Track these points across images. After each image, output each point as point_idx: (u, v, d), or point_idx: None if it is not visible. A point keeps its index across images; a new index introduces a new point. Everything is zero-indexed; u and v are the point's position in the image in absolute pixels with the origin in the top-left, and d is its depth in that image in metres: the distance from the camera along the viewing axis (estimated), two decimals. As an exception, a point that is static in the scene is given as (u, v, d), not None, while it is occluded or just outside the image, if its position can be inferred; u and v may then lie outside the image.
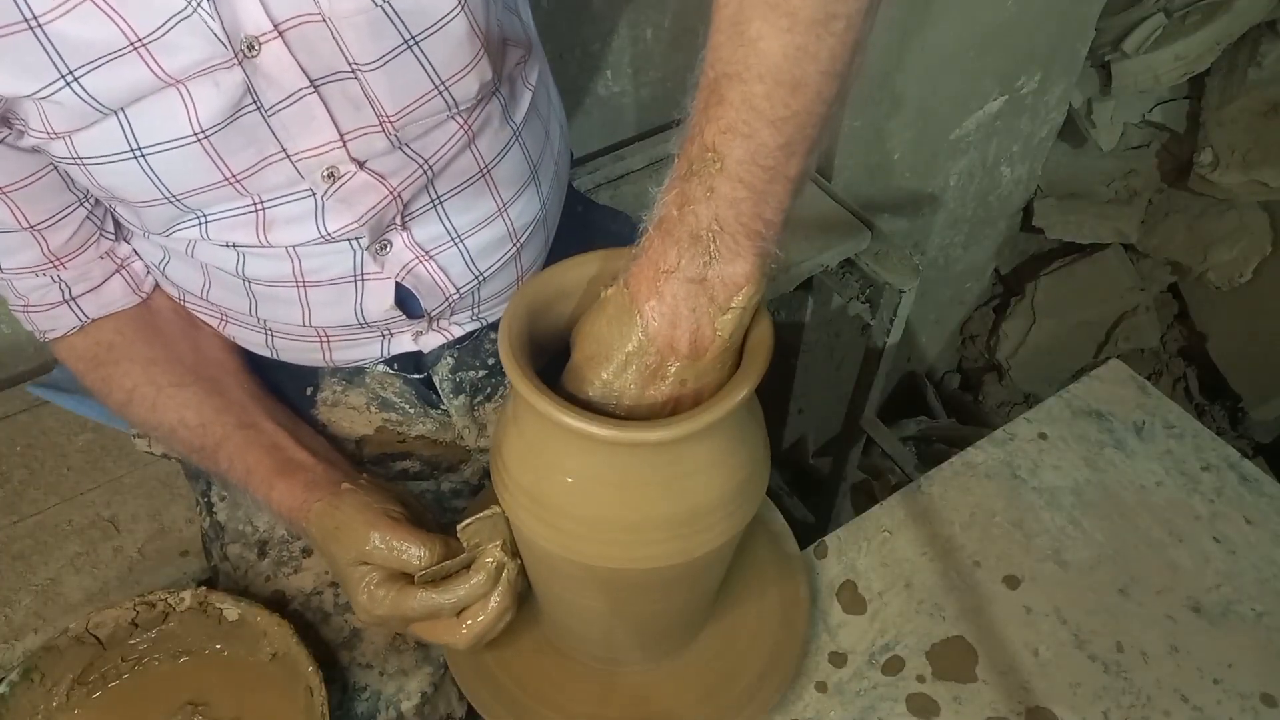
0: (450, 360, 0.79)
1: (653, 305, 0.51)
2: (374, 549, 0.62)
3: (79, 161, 0.58)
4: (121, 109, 0.55)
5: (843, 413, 1.45)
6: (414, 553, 0.61)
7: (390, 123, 0.61)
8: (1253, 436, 1.87)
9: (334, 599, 0.74)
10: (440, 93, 0.62)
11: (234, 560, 0.77)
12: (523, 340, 0.52)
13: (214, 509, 0.80)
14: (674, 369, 0.52)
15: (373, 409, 0.80)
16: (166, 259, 0.71)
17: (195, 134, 0.56)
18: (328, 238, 0.65)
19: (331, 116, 0.59)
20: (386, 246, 0.68)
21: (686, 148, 0.51)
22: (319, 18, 0.55)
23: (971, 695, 0.72)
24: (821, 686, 0.73)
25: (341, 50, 0.57)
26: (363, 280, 0.69)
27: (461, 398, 0.80)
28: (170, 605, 0.70)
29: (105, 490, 0.92)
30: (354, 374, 0.80)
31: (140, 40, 0.52)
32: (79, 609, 0.82)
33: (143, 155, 0.57)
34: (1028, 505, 0.83)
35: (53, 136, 0.56)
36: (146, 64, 0.53)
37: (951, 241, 1.68)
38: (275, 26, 0.54)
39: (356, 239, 0.66)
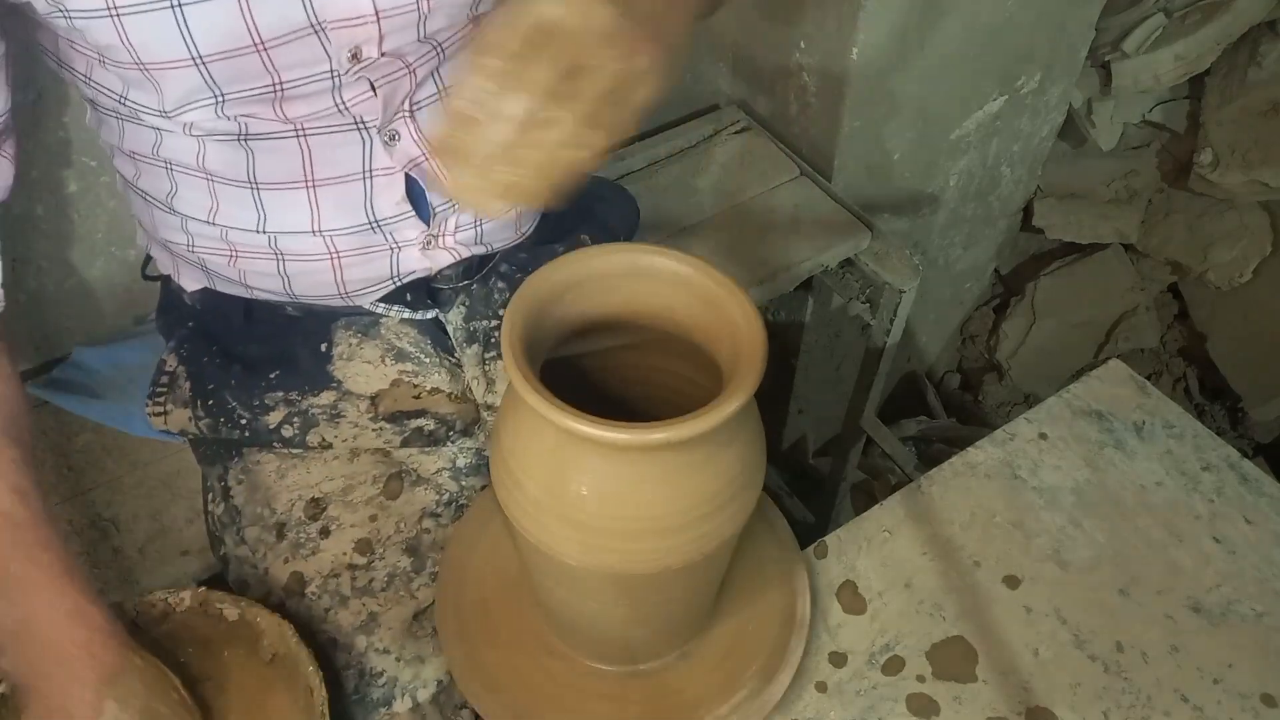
0: (463, 309, 0.80)
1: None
2: None
3: (114, 11, 0.56)
4: None
5: (843, 413, 1.45)
6: None
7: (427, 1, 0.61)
8: (1253, 436, 1.87)
9: (351, 581, 0.73)
10: None
11: (251, 544, 0.77)
12: (524, 342, 0.52)
13: (230, 493, 0.80)
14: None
15: (388, 361, 0.80)
16: (174, 189, 0.70)
17: None
18: (342, 107, 0.65)
19: None
20: (395, 137, 0.69)
21: None
22: None
23: (971, 695, 0.72)
24: (821, 686, 0.73)
25: None
26: (371, 176, 0.70)
27: (474, 347, 0.81)
28: (170, 605, 0.69)
29: (105, 490, 0.92)
30: (369, 326, 0.80)
31: None
32: (79, 609, 0.82)
33: (179, 5, 0.56)
34: (1028, 505, 0.83)
35: None
36: None
37: (951, 241, 1.68)
38: None
39: (365, 125, 0.67)
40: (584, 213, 0.93)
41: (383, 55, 0.64)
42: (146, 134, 0.69)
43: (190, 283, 0.81)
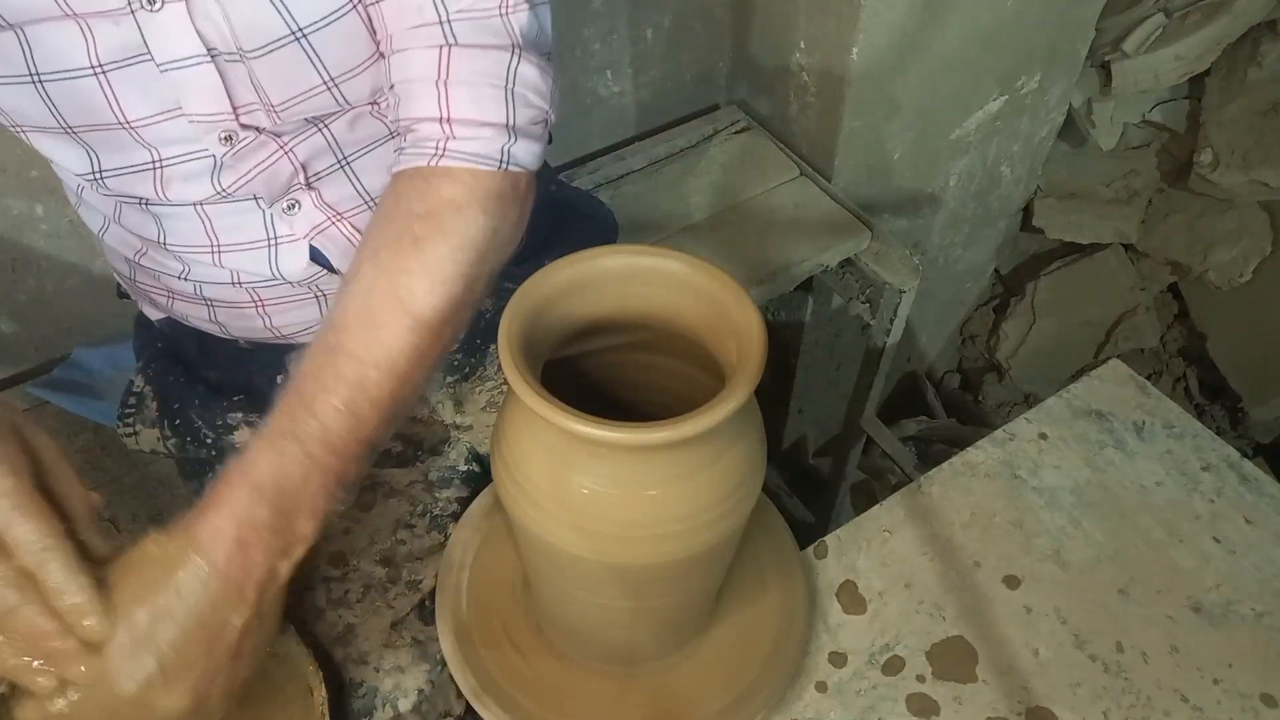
0: None
1: (225, 551, 0.50)
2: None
3: None
4: (21, 27, 0.54)
5: (843, 413, 1.45)
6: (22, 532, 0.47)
7: (275, 111, 0.61)
8: (1253, 436, 1.87)
9: (326, 595, 0.74)
10: (329, 89, 0.61)
11: None
12: (523, 344, 0.52)
13: None
14: (239, 619, 0.51)
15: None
16: (106, 225, 0.71)
17: (92, 67, 0.56)
18: (223, 193, 0.65)
19: (226, 89, 0.59)
20: (295, 206, 0.68)
21: (295, 407, 0.55)
22: None
23: (971, 695, 0.72)
24: (821, 686, 0.73)
25: (231, 32, 0.56)
26: (275, 244, 0.69)
27: (436, 375, 0.80)
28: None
29: (105, 490, 0.91)
30: None
31: None
32: (79, 609, 0.82)
33: (41, 81, 0.57)
34: (1028, 505, 0.83)
35: None
36: None
37: (951, 241, 1.68)
38: None
39: (257, 197, 0.66)
40: (554, 231, 0.89)
41: (260, 133, 0.62)
42: (70, 178, 0.69)
43: (151, 311, 0.82)
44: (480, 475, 0.82)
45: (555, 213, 0.90)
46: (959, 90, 1.34)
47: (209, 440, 0.79)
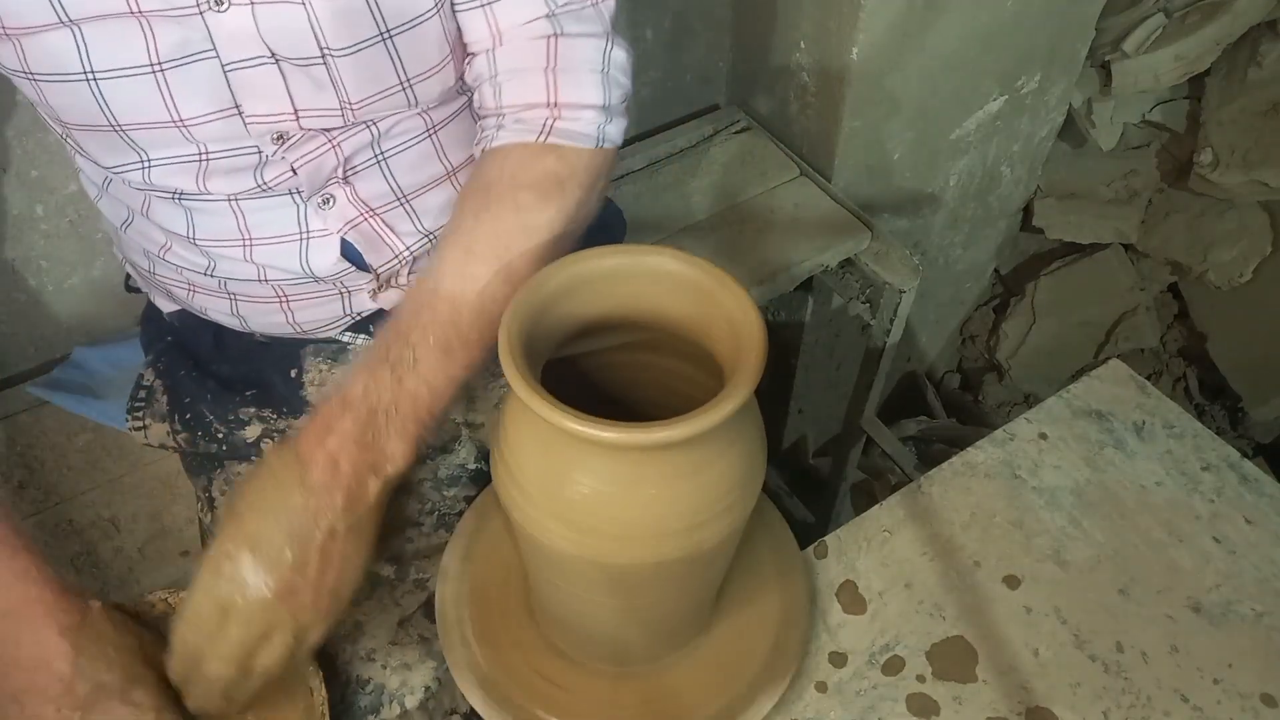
0: None
1: (318, 461, 0.57)
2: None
3: (30, 77, 0.57)
4: (79, 24, 0.54)
5: (843, 413, 1.45)
6: None
7: (351, 108, 0.63)
8: (1253, 436, 1.87)
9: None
10: (405, 89, 0.64)
11: None
12: (523, 344, 0.52)
13: (215, 504, 0.80)
14: (325, 521, 0.57)
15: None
16: (130, 218, 0.71)
17: (151, 65, 0.56)
18: (264, 187, 0.66)
19: (289, 91, 0.60)
20: (330, 201, 0.69)
21: (392, 339, 0.60)
22: (298, 1, 0.56)
23: (971, 695, 0.72)
24: (821, 686, 0.73)
25: (315, 34, 0.58)
26: (307, 238, 0.70)
27: None
28: (170, 605, 0.69)
29: (105, 490, 0.92)
30: (337, 352, 0.80)
31: None
32: (79, 609, 0.82)
33: (95, 79, 0.57)
34: (1028, 505, 0.83)
35: (4, 35, 0.55)
36: None
37: (951, 241, 1.68)
38: None
39: (295, 190, 0.67)
40: None
41: (305, 131, 0.64)
42: (97, 171, 0.69)
43: (164, 304, 0.82)
44: (488, 474, 0.82)
45: None
46: (959, 90, 1.34)
47: (220, 435, 0.79)
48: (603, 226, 0.95)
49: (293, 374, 0.80)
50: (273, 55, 0.58)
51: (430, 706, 0.70)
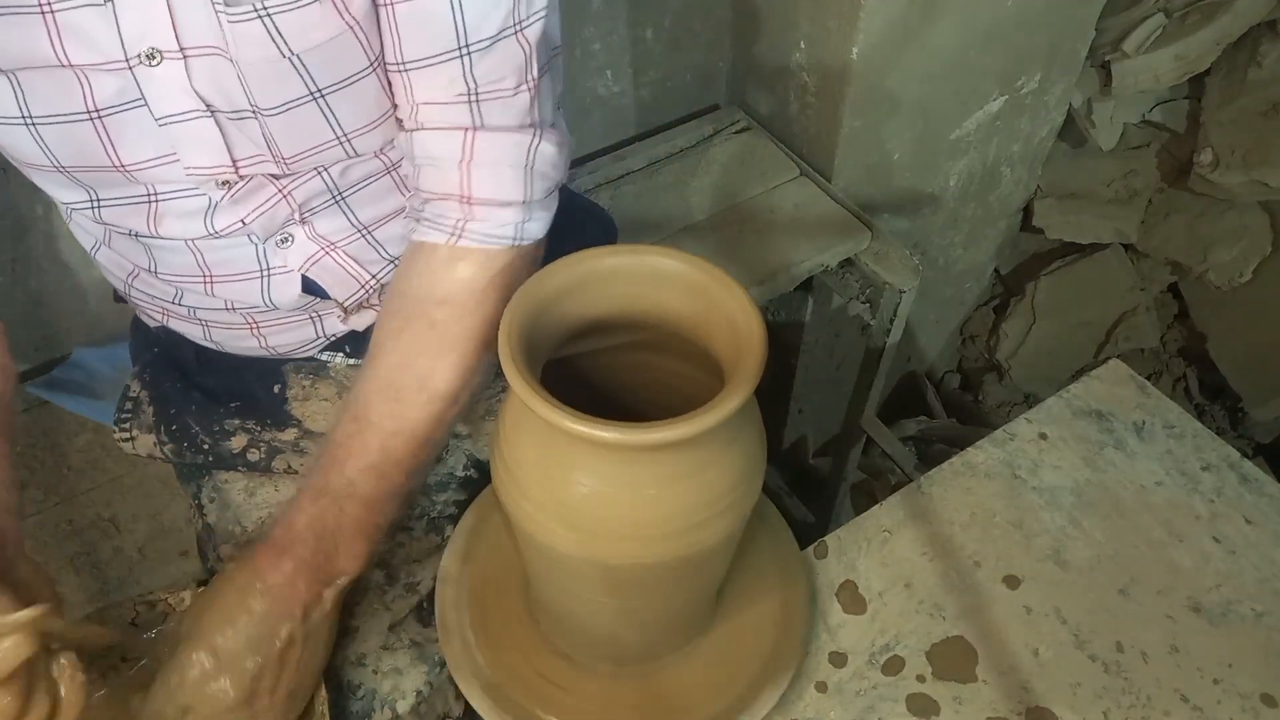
0: None
1: (277, 576, 0.60)
2: None
3: None
4: (14, 72, 0.54)
5: (843, 413, 1.45)
6: None
7: (285, 162, 0.62)
8: (1253, 436, 1.87)
9: None
10: (341, 143, 0.62)
11: (226, 560, 0.77)
12: (523, 344, 0.52)
13: (204, 510, 0.80)
14: (284, 630, 0.60)
15: (343, 398, 0.80)
16: (97, 246, 0.71)
17: (88, 112, 0.56)
18: (216, 234, 0.65)
19: (226, 143, 0.60)
20: (288, 240, 0.68)
21: (329, 466, 0.63)
22: (227, 56, 0.55)
23: (971, 695, 0.72)
24: (821, 686, 0.73)
25: (244, 91, 0.57)
26: (268, 275, 0.69)
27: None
28: (170, 605, 0.69)
29: (105, 490, 0.92)
30: (319, 368, 0.80)
31: (49, 5, 0.51)
32: (79, 609, 0.82)
33: (34, 124, 0.56)
34: (1028, 505, 0.83)
35: None
36: (49, 37, 0.52)
37: (951, 241, 1.68)
38: (180, 48, 0.54)
39: (250, 234, 0.66)
40: (554, 238, 0.90)
41: (252, 178, 0.63)
42: (60, 203, 0.69)
43: (146, 318, 0.82)
44: (478, 480, 0.82)
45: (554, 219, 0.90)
46: (959, 90, 1.34)
47: (205, 446, 0.79)
48: (595, 233, 0.94)
49: (276, 389, 0.80)
50: (208, 108, 0.57)
51: (422, 711, 0.70)
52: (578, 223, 0.92)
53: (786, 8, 1.21)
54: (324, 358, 0.80)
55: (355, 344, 0.79)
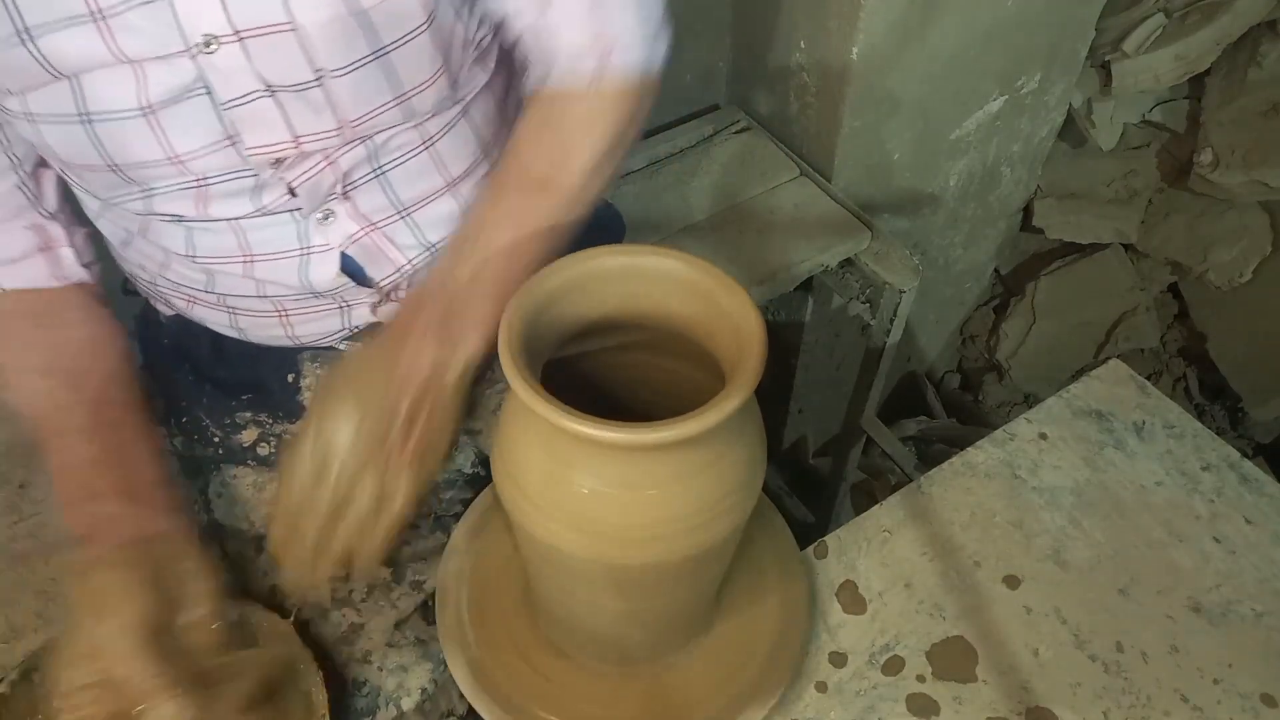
0: None
1: (400, 347, 0.62)
2: (115, 671, 0.57)
3: (30, 117, 0.58)
4: (76, 75, 0.55)
5: (843, 413, 1.45)
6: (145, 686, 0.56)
7: (349, 126, 0.62)
8: (1253, 436, 1.87)
9: (332, 593, 0.74)
10: (400, 103, 0.63)
11: (232, 557, 0.77)
12: (523, 344, 0.52)
13: (211, 506, 0.80)
14: (410, 397, 0.61)
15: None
16: (129, 239, 0.71)
17: (142, 108, 0.57)
18: (264, 210, 0.66)
19: (287, 120, 0.60)
20: (330, 216, 0.69)
21: (459, 240, 0.67)
22: (289, 27, 0.56)
23: (971, 695, 0.72)
24: (821, 686, 0.73)
25: (308, 58, 0.57)
26: (308, 253, 0.70)
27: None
28: (170, 605, 0.69)
29: (105, 490, 0.91)
30: (335, 359, 0.80)
31: (100, 12, 0.52)
32: (79, 609, 0.82)
33: (90, 121, 0.57)
34: (1028, 505, 0.83)
35: (6, 94, 0.56)
36: (104, 38, 0.53)
37: (951, 241, 1.68)
38: (235, 32, 0.55)
39: (295, 209, 0.67)
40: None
41: (303, 154, 0.64)
42: (93, 199, 0.69)
43: (163, 309, 0.82)
44: (485, 478, 0.82)
45: None
46: (959, 90, 1.34)
47: (216, 439, 0.79)
48: (601, 228, 0.94)
49: (290, 379, 0.80)
50: (268, 87, 0.58)
51: (426, 708, 0.70)
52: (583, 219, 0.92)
53: (787, 7, 1.21)
54: (343, 348, 0.80)
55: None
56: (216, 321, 0.77)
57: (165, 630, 0.59)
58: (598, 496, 0.53)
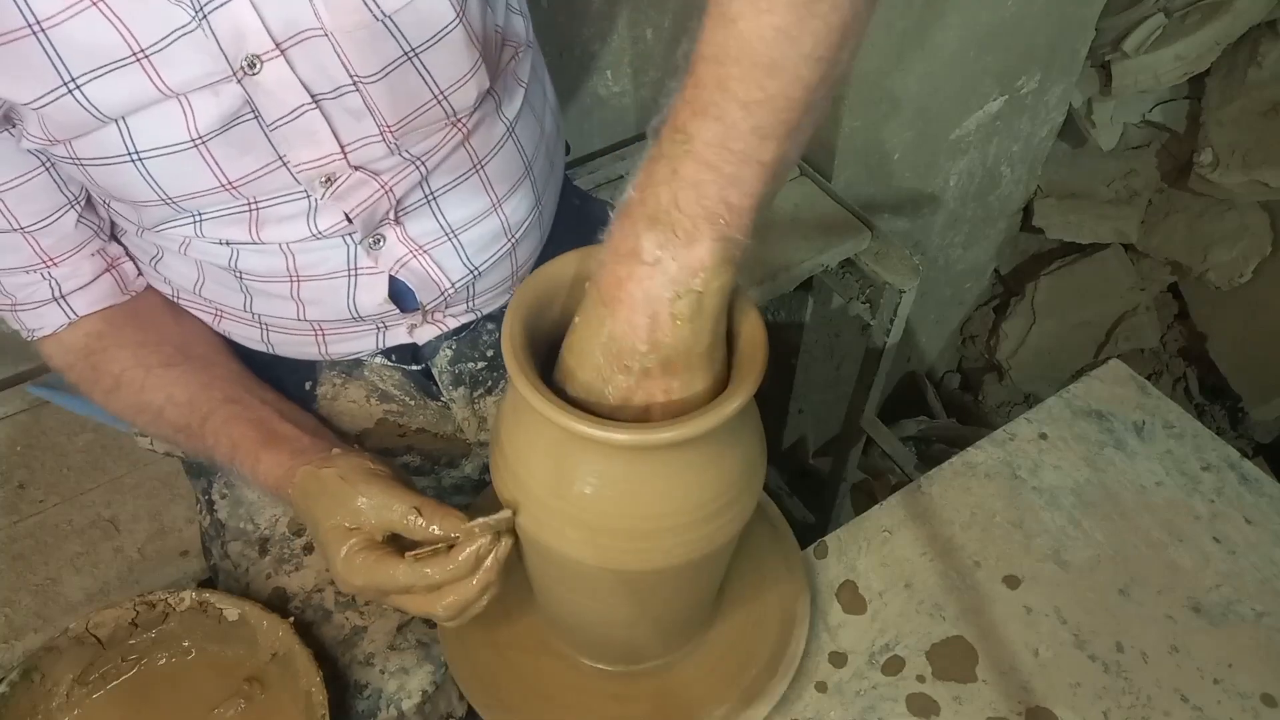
0: (449, 352, 0.79)
1: (612, 291, 0.49)
2: (360, 508, 0.59)
3: (77, 162, 0.58)
4: (123, 118, 0.55)
5: (843, 413, 1.45)
6: (399, 510, 0.58)
7: (390, 131, 0.62)
8: (1253, 436, 1.87)
9: (335, 597, 0.74)
10: (439, 102, 0.63)
11: (235, 558, 0.77)
12: (525, 343, 0.52)
13: (215, 507, 0.80)
14: (636, 361, 0.49)
15: (372, 401, 0.80)
16: (159, 255, 0.71)
17: (192, 140, 0.57)
18: (319, 234, 0.65)
19: (333, 130, 0.60)
20: (380, 241, 0.69)
21: (660, 130, 0.51)
22: (321, 32, 0.56)
23: (971, 695, 0.72)
24: (821, 686, 0.73)
25: (343, 63, 0.57)
26: (356, 275, 0.70)
27: (461, 389, 0.80)
28: (170, 605, 0.70)
29: (105, 490, 0.92)
30: (352, 367, 0.80)
31: (143, 51, 0.52)
32: (79, 609, 0.82)
33: (140, 159, 0.57)
34: (1028, 505, 0.83)
35: (52, 142, 0.57)
36: (148, 75, 0.53)
37: (951, 241, 1.68)
38: (277, 45, 0.55)
39: (349, 234, 0.67)
40: (553, 237, 0.88)
41: (356, 170, 0.63)
42: (133, 225, 0.69)
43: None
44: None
45: (582, 224, 0.90)
46: (959, 90, 1.34)
47: None
48: (603, 227, 0.94)
49: (308, 386, 0.80)
50: (313, 99, 0.58)
51: (427, 710, 0.70)
52: (582, 219, 0.92)
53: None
54: (364, 357, 0.80)
55: (402, 354, 0.80)
56: (245, 336, 0.76)
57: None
58: (598, 496, 0.53)
